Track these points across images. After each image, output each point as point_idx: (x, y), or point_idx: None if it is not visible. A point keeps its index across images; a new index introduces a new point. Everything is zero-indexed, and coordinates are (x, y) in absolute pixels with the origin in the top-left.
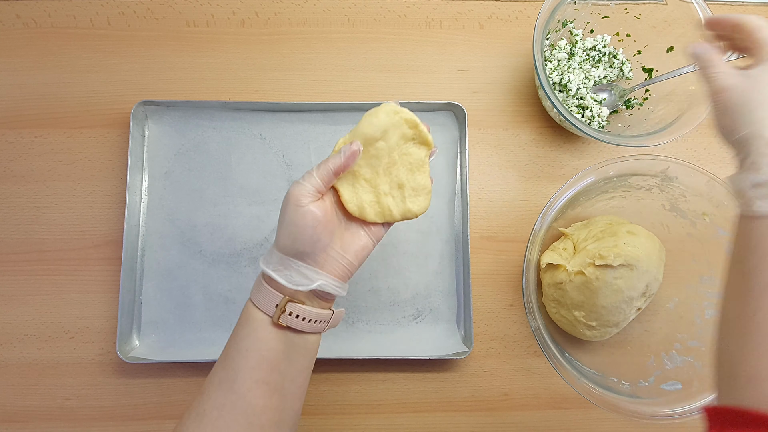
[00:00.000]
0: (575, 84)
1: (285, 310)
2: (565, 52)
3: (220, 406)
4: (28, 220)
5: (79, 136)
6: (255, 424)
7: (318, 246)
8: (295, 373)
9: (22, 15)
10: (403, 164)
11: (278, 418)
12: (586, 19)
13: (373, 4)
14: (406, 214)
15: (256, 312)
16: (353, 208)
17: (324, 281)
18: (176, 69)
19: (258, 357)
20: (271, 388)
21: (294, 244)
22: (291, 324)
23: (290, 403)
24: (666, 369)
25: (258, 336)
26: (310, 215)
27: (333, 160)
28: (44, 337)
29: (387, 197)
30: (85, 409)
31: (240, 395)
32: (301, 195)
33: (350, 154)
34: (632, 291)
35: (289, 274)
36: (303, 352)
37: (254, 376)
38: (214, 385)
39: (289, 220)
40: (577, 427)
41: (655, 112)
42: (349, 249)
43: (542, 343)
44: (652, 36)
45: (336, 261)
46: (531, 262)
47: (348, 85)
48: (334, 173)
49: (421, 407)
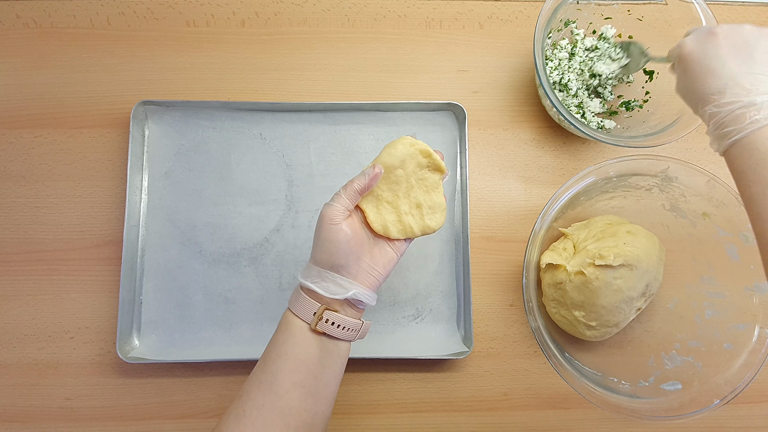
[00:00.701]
0: (575, 84)
1: (322, 317)
2: (566, 51)
3: (260, 406)
4: (28, 220)
5: (79, 136)
6: (291, 425)
7: (351, 259)
8: (328, 378)
9: (22, 15)
10: (420, 187)
11: (311, 420)
12: (588, 19)
13: (373, 4)
14: (425, 230)
15: (294, 319)
16: (378, 227)
17: (357, 290)
18: (176, 69)
19: (296, 361)
20: (307, 391)
21: (330, 258)
22: (326, 330)
23: (322, 407)
24: (666, 369)
25: (296, 341)
26: (343, 232)
27: (358, 181)
28: (44, 337)
29: (407, 216)
30: (85, 409)
31: (279, 396)
32: (334, 215)
33: (373, 175)
34: (632, 291)
35: (326, 285)
36: (336, 357)
37: (292, 379)
38: (253, 387)
39: (324, 237)
40: (577, 427)
41: (655, 114)
42: (378, 262)
43: (542, 343)
44: (654, 37)
45: (367, 273)
46: (531, 262)
47: (348, 85)
48: (359, 192)
49: (421, 407)
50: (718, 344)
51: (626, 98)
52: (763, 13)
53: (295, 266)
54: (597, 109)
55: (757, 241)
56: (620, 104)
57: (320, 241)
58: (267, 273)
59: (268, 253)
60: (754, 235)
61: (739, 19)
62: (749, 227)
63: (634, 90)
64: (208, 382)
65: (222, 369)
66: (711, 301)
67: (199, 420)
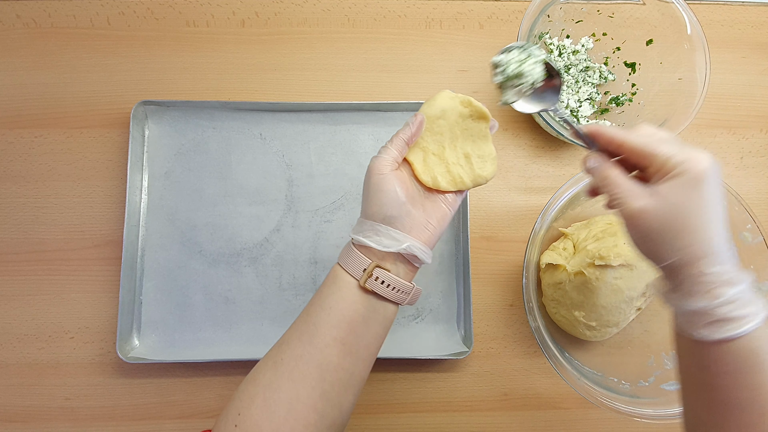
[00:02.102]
0: (565, 94)
1: (372, 274)
2: None
3: (298, 356)
4: (28, 220)
5: (79, 136)
6: (327, 379)
7: (404, 209)
8: (370, 339)
9: (22, 15)
10: (465, 138)
11: (347, 379)
12: (560, 26)
13: (373, 4)
14: (477, 180)
15: (343, 274)
16: (427, 179)
17: (411, 243)
18: (176, 69)
19: (339, 316)
20: (347, 349)
21: (381, 209)
22: (375, 288)
23: (360, 368)
24: (666, 369)
25: (342, 296)
26: (393, 180)
27: (404, 131)
28: (44, 337)
29: (456, 166)
30: (85, 409)
31: (318, 349)
32: (382, 165)
33: (418, 122)
34: (632, 291)
35: (378, 238)
36: (381, 319)
37: (333, 334)
38: (293, 336)
39: (375, 188)
40: (577, 427)
41: (647, 106)
42: (432, 215)
43: (542, 343)
44: (629, 31)
45: (422, 227)
46: (531, 262)
47: (348, 85)
48: (406, 143)
49: (421, 407)
50: None
51: (614, 94)
52: (763, 13)
53: (295, 266)
54: (588, 112)
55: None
56: (609, 101)
57: (370, 193)
58: (267, 273)
59: (268, 253)
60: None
61: (740, 18)
62: (749, 227)
63: (619, 85)
64: (208, 382)
65: (222, 369)
66: None
67: (199, 420)
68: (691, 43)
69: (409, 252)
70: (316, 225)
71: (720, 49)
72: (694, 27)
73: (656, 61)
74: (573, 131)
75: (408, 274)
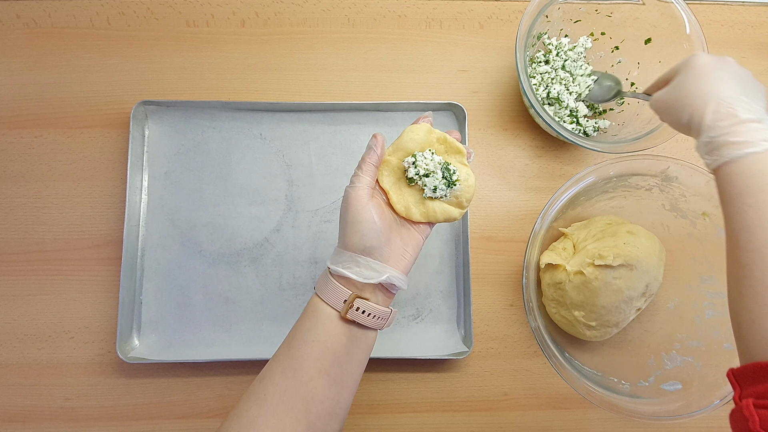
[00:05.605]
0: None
1: (353, 305)
2: (543, 62)
3: (282, 391)
4: (28, 220)
5: (79, 136)
6: (312, 412)
7: (382, 240)
8: (353, 367)
9: (22, 15)
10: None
11: (333, 409)
12: (558, 26)
13: (373, 4)
14: (446, 216)
15: (323, 306)
16: (401, 209)
17: (391, 273)
18: (176, 69)
19: (322, 348)
20: (331, 380)
21: (362, 240)
22: (357, 318)
23: (345, 396)
24: (666, 369)
25: (324, 329)
26: (371, 210)
27: (370, 156)
28: (44, 337)
29: (430, 200)
30: (85, 409)
31: (302, 383)
32: (360, 194)
33: (380, 144)
34: (632, 291)
35: (359, 270)
36: (363, 346)
37: (317, 366)
38: (276, 371)
39: (353, 219)
40: (577, 427)
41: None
42: (408, 243)
43: (542, 343)
44: (628, 31)
45: (399, 255)
46: (531, 262)
47: (348, 85)
48: (375, 166)
49: (421, 407)
50: (718, 344)
51: None
52: (763, 13)
53: (295, 266)
54: (587, 111)
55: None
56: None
57: (348, 224)
58: (267, 273)
59: (268, 253)
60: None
61: (739, 18)
62: None
63: None
64: (208, 382)
65: (222, 369)
66: (711, 301)
67: (199, 420)
68: (691, 43)
69: (389, 282)
70: (316, 225)
71: (719, 49)
72: (694, 27)
73: (655, 60)
74: (643, 94)
75: (386, 300)
